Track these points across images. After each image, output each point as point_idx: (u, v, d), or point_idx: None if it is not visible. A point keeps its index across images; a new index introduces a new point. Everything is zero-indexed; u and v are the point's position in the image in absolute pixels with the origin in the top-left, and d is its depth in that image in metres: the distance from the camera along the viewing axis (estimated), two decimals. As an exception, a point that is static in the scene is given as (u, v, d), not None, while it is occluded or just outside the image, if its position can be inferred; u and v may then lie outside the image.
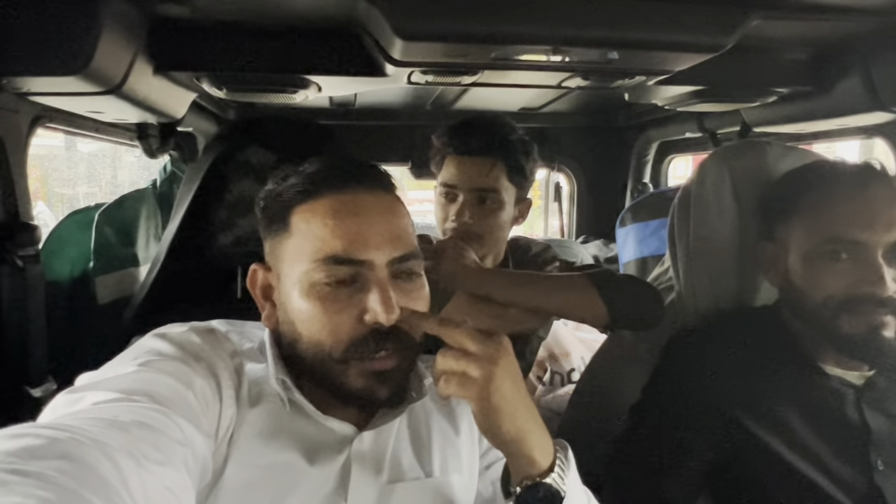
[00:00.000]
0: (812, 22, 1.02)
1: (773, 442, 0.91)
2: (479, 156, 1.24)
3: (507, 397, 0.62)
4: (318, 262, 0.64)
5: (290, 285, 0.67)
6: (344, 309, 0.64)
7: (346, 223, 0.65)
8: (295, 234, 0.67)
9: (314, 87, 1.17)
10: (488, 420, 0.63)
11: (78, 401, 0.53)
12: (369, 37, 1.00)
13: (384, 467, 0.71)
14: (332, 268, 0.64)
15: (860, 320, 0.87)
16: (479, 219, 1.24)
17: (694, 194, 1.14)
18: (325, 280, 0.64)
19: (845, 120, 1.27)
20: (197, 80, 1.13)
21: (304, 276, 0.65)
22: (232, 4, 0.94)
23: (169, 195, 1.53)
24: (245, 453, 0.64)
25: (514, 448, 0.64)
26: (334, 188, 0.67)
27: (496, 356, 0.62)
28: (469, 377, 0.62)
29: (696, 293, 1.14)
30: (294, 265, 0.66)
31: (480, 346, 0.62)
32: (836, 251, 0.89)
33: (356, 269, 0.64)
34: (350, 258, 0.64)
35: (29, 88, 0.95)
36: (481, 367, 0.61)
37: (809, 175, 0.97)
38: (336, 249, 0.64)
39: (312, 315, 0.65)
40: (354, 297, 0.64)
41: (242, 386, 0.67)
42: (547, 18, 0.92)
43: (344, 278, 0.64)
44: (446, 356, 0.63)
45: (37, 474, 0.38)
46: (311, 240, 0.65)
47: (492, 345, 0.63)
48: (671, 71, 1.11)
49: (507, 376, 0.63)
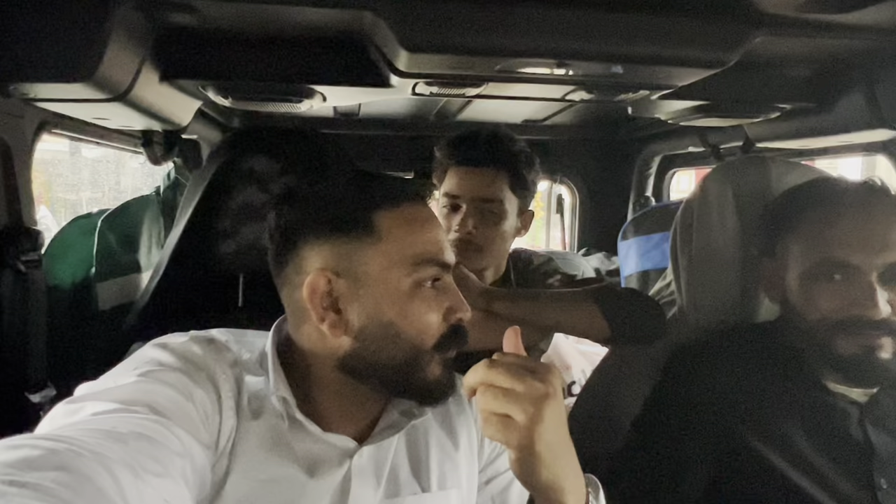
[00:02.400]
0: (815, 39, 1.03)
1: (774, 459, 0.90)
2: (482, 166, 1.25)
3: (551, 445, 0.58)
4: (424, 262, 0.69)
5: (384, 288, 0.67)
6: (438, 307, 0.69)
7: (433, 230, 0.71)
8: (386, 238, 0.68)
9: (319, 96, 1.18)
10: (526, 467, 0.59)
11: (77, 411, 0.53)
12: (374, 48, 1.01)
13: (382, 482, 0.70)
14: (429, 269, 0.69)
15: (854, 342, 0.87)
16: (482, 229, 1.25)
17: (697, 209, 1.14)
18: (424, 280, 0.69)
19: (848, 136, 1.27)
20: (202, 89, 1.13)
21: (406, 278, 0.68)
22: (239, 14, 0.94)
23: (172, 202, 1.53)
24: (245, 466, 0.63)
25: (550, 494, 0.61)
26: (411, 198, 0.72)
27: (544, 397, 0.57)
28: (512, 421, 0.57)
29: (697, 307, 1.13)
30: (391, 269, 0.68)
31: (528, 386, 0.57)
32: (830, 272, 0.89)
33: (443, 271, 0.70)
34: (441, 260, 0.70)
35: (35, 94, 0.95)
36: (526, 410, 0.57)
37: (808, 193, 0.97)
38: (436, 253, 0.70)
39: (416, 313, 0.68)
40: (441, 296, 0.70)
41: (242, 397, 0.66)
42: (552, 32, 0.93)
43: (436, 277, 0.70)
44: (487, 394, 0.58)
45: (34, 485, 0.38)
46: (411, 242, 0.69)
47: (540, 383, 0.58)
48: (675, 86, 1.11)
49: (553, 421, 0.58)
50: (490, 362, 0.60)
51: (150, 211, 1.45)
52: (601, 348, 1.33)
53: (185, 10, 0.89)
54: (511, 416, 0.57)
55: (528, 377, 0.58)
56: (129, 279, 1.34)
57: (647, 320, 1.11)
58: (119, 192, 3.31)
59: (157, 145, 1.36)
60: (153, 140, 1.34)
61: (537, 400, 0.57)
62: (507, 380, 0.58)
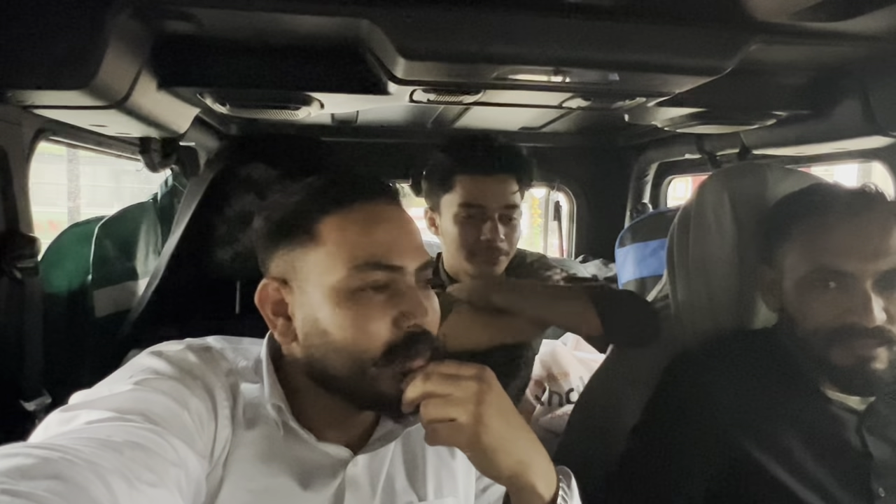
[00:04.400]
0: (811, 47, 1.03)
1: (773, 466, 0.90)
2: (499, 174, 1.28)
3: (501, 434, 0.60)
4: (356, 268, 0.65)
5: (321, 295, 0.65)
6: (381, 314, 0.65)
7: (382, 231, 0.67)
8: (326, 243, 0.66)
9: (316, 104, 1.18)
10: (484, 461, 0.61)
11: (71, 419, 0.53)
12: (372, 55, 1.01)
13: (378, 491, 0.70)
14: (371, 273, 0.65)
15: (849, 351, 0.86)
16: (507, 235, 1.29)
17: (693, 215, 1.14)
18: (364, 285, 0.65)
19: (843, 143, 1.28)
20: (200, 96, 1.13)
21: (341, 284, 0.65)
22: (236, 22, 0.94)
23: (170, 209, 1.53)
24: (240, 476, 0.63)
25: (516, 481, 0.63)
26: (363, 198, 0.68)
27: (480, 394, 0.60)
28: (457, 423, 0.60)
29: (694, 314, 1.13)
30: (326, 274, 0.65)
31: (463, 387, 0.60)
32: (824, 280, 0.88)
33: (391, 274, 0.66)
34: (388, 264, 0.65)
35: (33, 101, 0.96)
36: (467, 410, 0.60)
37: (803, 200, 0.97)
38: (375, 255, 0.65)
39: (351, 321, 0.64)
40: (389, 302, 0.65)
41: (238, 406, 0.66)
42: (549, 39, 0.93)
43: (381, 283, 0.65)
44: (429, 405, 0.61)
45: (27, 494, 0.38)
46: (346, 248, 0.65)
47: (472, 382, 0.61)
48: (671, 93, 1.12)
49: (497, 413, 0.61)
50: (425, 374, 0.62)
51: (147, 218, 1.44)
52: (599, 355, 1.33)
53: (183, 17, 0.90)
54: (455, 419, 0.60)
55: (461, 381, 0.61)
56: (126, 286, 1.33)
57: (640, 322, 1.12)
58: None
59: (155, 152, 1.36)
60: (151, 147, 1.34)
61: (475, 396, 0.60)
62: (443, 387, 0.61)
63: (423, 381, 0.62)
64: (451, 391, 0.60)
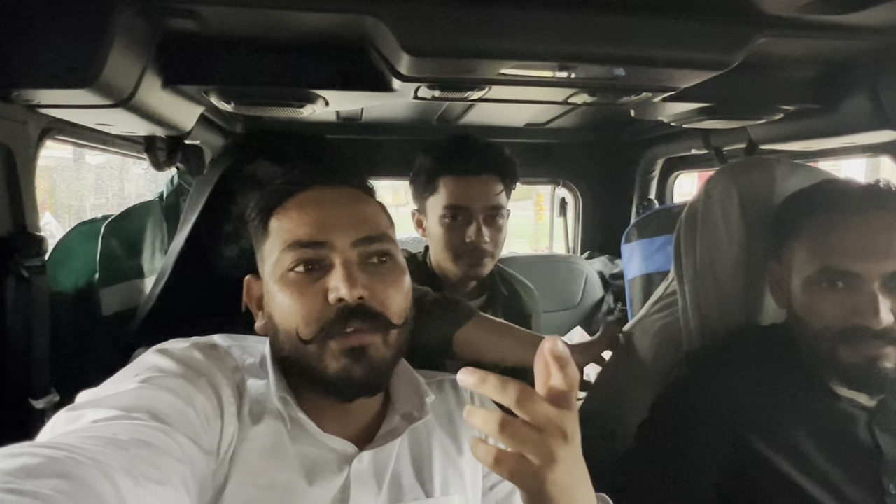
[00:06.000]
0: (818, 40, 1.02)
1: (782, 463, 0.89)
2: (483, 174, 1.28)
3: (566, 487, 0.53)
4: (285, 249, 0.69)
5: (268, 282, 0.71)
6: (311, 292, 0.67)
7: (310, 212, 0.70)
8: (272, 234, 0.72)
9: (321, 101, 1.18)
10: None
11: (78, 418, 0.53)
12: (376, 52, 1.01)
13: (384, 487, 0.70)
14: (297, 251, 0.68)
15: (858, 351, 0.85)
16: (492, 237, 1.29)
17: (701, 211, 1.13)
18: (292, 265, 0.68)
19: (852, 138, 1.27)
20: (205, 94, 1.13)
21: (275, 267, 0.69)
22: (241, 20, 0.94)
23: (176, 207, 1.53)
24: (246, 472, 0.63)
25: None
26: (304, 188, 0.72)
27: (562, 439, 0.52)
28: (526, 460, 0.52)
29: (701, 310, 1.12)
30: (268, 261, 0.71)
31: (549, 424, 0.52)
32: (832, 280, 0.87)
33: (318, 251, 0.68)
34: (312, 241, 0.68)
35: (38, 101, 0.96)
36: (542, 453, 0.51)
37: (813, 197, 0.96)
38: (299, 235, 0.69)
39: (285, 302, 0.68)
40: (320, 280, 0.68)
41: (244, 403, 0.66)
42: (554, 35, 0.92)
43: (309, 261, 0.68)
44: (506, 430, 0.51)
45: (34, 493, 0.38)
46: (281, 234, 0.70)
47: (558, 424, 0.52)
48: (677, 88, 1.11)
49: (569, 463, 0.53)
50: (502, 421, 0.52)
51: (153, 216, 1.45)
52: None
53: (188, 15, 0.89)
54: (526, 456, 0.52)
55: (550, 416, 0.52)
56: (133, 285, 1.34)
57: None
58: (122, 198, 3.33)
59: (161, 151, 1.36)
60: (156, 146, 1.35)
61: (556, 440, 0.52)
62: (534, 413, 0.52)
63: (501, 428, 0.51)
64: (539, 421, 0.52)
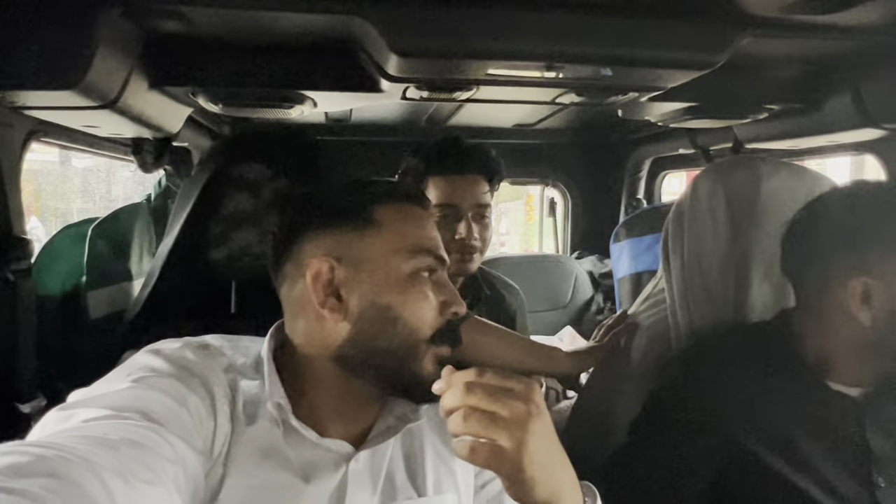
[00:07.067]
0: (802, 40, 1.04)
1: (773, 457, 0.90)
2: (470, 174, 1.33)
3: (543, 465, 0.55)
4: (413, 252, 0.70)
5: (383, 274, 0.69)
6: (433, 297, 0.70)
7: (430, 228, 0.74)
8: (383, 227, 0.71)
9: (310, 102, 1.18)
10: (520, 491, 0.56)
11: (68, 418, 0.53)
12: (364, 53, 1.01)
13: (378, 487, 0.70)
14: (425, 258, 0.71)
15: None
16: (480, 233, 1.35)
17: (688, 210, 1.14)
18: (423, 268, 0.70)
19: (836, 136, 1.28)
20: (192, 96, 1.13)
21: (405, 263, 0.70)
22: (228, 21, 0.94)
23: (163, 210, 1.52)
24: (240, 473, 0.63)
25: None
26: (410, 198, 0.75)
27: (529, 418, 0.54)
28: (500, 447, 0.53)
29: (690, 308, 1.13)
30: (387, 256, 0.70)
31: (511, 408, 0.54)
32: None
33: (438, 264, 0.72)
34: (437, 254, 0.72)
35: (24, 102, 0.95)
36: (513, 436, 0.53)
37: None
38: (426, 245, 0.72)
39: (414, 298, 0.69)
40: (436, 289, 0.71)
41: (237, 402, 0.66)
42: (541, 35, 0.93)
43: (432, 269, 0.71)
44: (470, 420, 0.54)
45: (23, 492, 0.37)
46: (403, 234, 0.71)
47: (522, 404, 0.54)
48: (664, 87, 1.12)
49: (542, 441, 0.55)
50: (468, 385, 0.55)
51: (140, 219, 1.44)
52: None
53: (174, 17, 0.89)
54: (498, 441, 0.54)
55: (510, 399, 0.54)
56: (121, 287, 1.33)
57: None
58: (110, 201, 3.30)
59: (148, 153, 1.35)
60: (144, 148, 1.34)
61: (523, 423, 0.54)
62: (488, 403, 0.54)
63: (465, 390, 0.55)
64: (498, 410, 0.54)
